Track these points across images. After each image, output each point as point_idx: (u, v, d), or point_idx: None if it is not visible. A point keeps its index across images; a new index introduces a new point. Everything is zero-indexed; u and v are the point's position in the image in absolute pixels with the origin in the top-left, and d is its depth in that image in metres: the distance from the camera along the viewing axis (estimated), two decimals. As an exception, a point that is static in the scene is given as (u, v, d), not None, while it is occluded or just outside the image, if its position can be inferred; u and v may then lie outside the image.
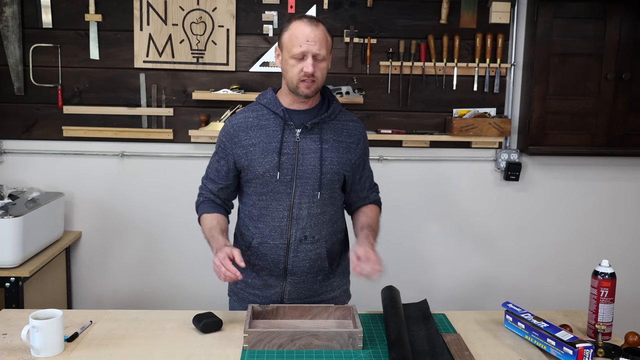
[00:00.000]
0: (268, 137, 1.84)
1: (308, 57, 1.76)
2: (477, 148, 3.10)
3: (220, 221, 1.89)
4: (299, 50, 1.75)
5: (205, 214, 1.92)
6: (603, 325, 1.63)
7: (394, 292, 1.89)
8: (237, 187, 1.96)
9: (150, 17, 2.93)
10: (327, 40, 1.79)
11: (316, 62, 1.77)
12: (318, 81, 1.80)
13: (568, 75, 2.98)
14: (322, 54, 1.77)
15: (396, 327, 1.66)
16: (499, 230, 3.19)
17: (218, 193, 1.94)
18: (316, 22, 1.78)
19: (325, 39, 1.78)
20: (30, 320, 1.55)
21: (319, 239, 1.89)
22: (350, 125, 1.92)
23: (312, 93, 1.81)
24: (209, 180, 1.96)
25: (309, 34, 1.75)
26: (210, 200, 1.95)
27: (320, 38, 1.76)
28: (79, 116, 2.99)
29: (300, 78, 1.78)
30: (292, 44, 1.76)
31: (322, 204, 1.88)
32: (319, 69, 1.78)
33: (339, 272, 2.01)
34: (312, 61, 1.76)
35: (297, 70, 1.77)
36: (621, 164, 3.18)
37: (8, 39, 2.90)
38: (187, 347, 1.63)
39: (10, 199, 2.74)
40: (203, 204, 1.95)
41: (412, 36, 3.00)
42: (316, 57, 1.77)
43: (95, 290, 3.12)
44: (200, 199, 1.97)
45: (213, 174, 1.94)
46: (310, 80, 1.78)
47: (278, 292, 1.92)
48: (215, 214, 1.91)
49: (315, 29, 1.76)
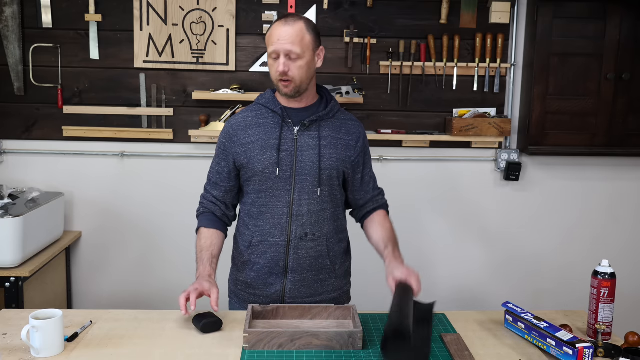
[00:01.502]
0: (267, 134, 1.85)
1: (280, 56, 1.78)
2: (477, 148, 3.10)
3: (214, 242, 1.89)
4: (271, 50, 1.79)
5: (203, 228, 1.92)
6: (603, 325, 1.63)
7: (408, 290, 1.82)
8: (239, 190, 1.96)
9: (150, 17, 2.93)
10: (302, 37, 1.77)
11: (290, 61, 1.77)
12: (296, 80, 1.80)
13: (568, 75, 2.98)
14: (296, 51, 1.76)
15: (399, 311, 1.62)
16: (499, 230, 3.19)
17: (221, 198, 1.94)
18: (293, 21, 1.78)
19: (300, 37, 1.76)
20: (30, 320, 1.54)
21: (319, 236, 1.89)
22: (349, 123, 1.93)
23: (291, 92, 1.82)
24: (211, 186, 1.96)
25: (280, 33, 1.77)
26: (211, 212, 1.94)
27: (291, 36, 1.76)
28: (79, 116, 2.99)
29: (277, 77, 1.81)
30: (268, 44, 1.81)
31: (322, 201, 1.88)
32: (295, 68, 1.78)
33: (341, 272, 2.00)
34: (285, 60, 1.77)
35: (274, 70, 1.81)
36: (621, 164, 3.18)
37: (8, 39, 2.90)
38: (187, 347, 1.62)
39: (10, 199, 2.74)
40: (203, 215, 1.95)
41: (412, 36, 3.00)
42: (289, 56, 1.77)
43: (95, 290, 3.12)
44: (201, 210, 1.97)
45: (215, 177, 1.94)
46: (286, 80, 1.79)
47: (279, 291, 1.91)
48: (212, 230, 1.91)
49: (289, 27, 1.76)
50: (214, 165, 1.95)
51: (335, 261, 1.96)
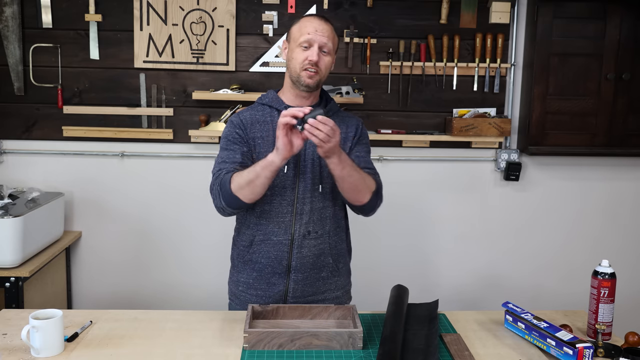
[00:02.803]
0: (273, 132, 1.85)
1: (314, 46, 1.81)
2: (477, 148, 3.10)
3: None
4: (307, 38, 1.81)
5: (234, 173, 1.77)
6: (603, 325, 1.63)
7: (402, 291, 1.88)
8: None
9: (150, 17, 2.93)
10: (334, 37, 1.87)
11: (321, 54, 1.82)
12: (321, 73, 1.84)
13: (568, 75, 2.98)
14: (329, 46, 1.84)
15: (391, 324, 1.66)
16: (499, 230, 3.19)
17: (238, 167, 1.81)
18: (326, 19, 1.87)
19: (333, 36, 1.86)
20: (30, 320, 1.55)
21: (322, 234, 1.90)
22: (348, 119, 1.97)
23: (313, 84, 1.83)
24: (223, 163, 1.84)
25: (317, 25, 1.83)
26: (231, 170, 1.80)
27: (328, 32, 1.84)
28: (79, 116, 2.99)
29: (303, 66, 1.82)
30: (301, 33, 1.83)
31: (323, 198, 1.89)
32: (323, 62, 1.83)
33: (344, 270, 2.01)
34: (318, 51, 1.81)
35: (302, 58, 1.82)
36: (621, 164, 3.18)
37: (8, 39, 2.90)
38: (187, 347, 1.62)
39: (10, 199, 2.74)
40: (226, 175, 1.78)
41: (412, 36, 3.00)
42: (322, 49, 1.82)
43: (95, 290, 3.12)
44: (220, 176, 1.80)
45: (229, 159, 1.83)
46: (313, 70, 1.81)
47: (281, 291, 1.91)
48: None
49: (325, 23, 1.85)
50: (226, 155, 1.85)
51: (337, 259, 1.96)
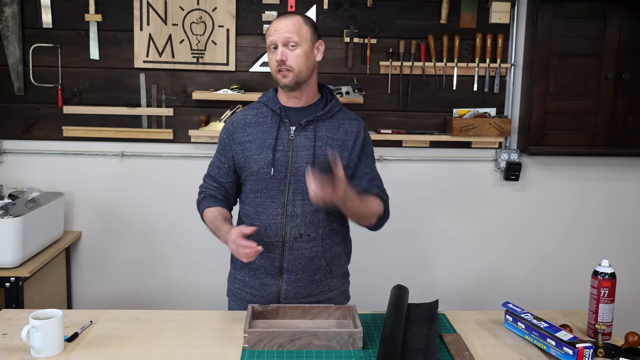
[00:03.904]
0: (264, 133, 1.86)
1: (278, 46, 1.82)
2: (477, 148, 3.10)
3: (222, 212, 1.90)
4: (270, 40, 1.84)
5: (207, 208, 1.93)
6: (603, 325, 1.63)
7: (402, 291, 1.88)
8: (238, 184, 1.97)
9: (150, 17, 2.93)
10: (300, 27, 1.82)
11: (288, 50, 1.81)
12: (294, 69, 1.82)
13: (568, 75, 2.98)
14: (294, 39, 1.81)
15: (391, 324, 1.66)
16: (499, 230, 3.19)
17: (220, 189, 1.96)
18: (290, 15, 1.85)
19: (297, 27, 1.82)
20: (30, 320, 1.55)
21: (315, 237, 1.89)
22: (347, 122, 1.92)
23: (290, 82, 1.83)
24: (210, 178, 1.98)
25: (277, 25, 1.83)
26: (211, 195, 1.96)
27: (288, 25, 1.82)
28: (79, 116, 2.99)
29: (276, 68, 1.83)
30: (267, 37, 1.85)
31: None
32: (293, 57, 1.81)
33: (338, 273, 2.00)
34: (283, 49, 1.81)
35: (273, 62, 1.84)
36: (621, 164, 3.18)
37: (8, 39, 2.90)
38: (187, 347, 1.63)
39: (10, 199, 2.74)
40: (204, 200, 1.97)
41: (412, 36, 3.00)
42: (287, 44, 1.81)
43: (95, 290, 3.12)
44: (201, 196, 1.99)
45: (214, 171, 1.97)
46: (285, 69, 1.82)
47: (274, 292, 1.91)
48: (216, 207, 1.92)
49: (286, 19, 1.83)
50: (214, 161, 1.98)
51: (332, 262, 1.94)
